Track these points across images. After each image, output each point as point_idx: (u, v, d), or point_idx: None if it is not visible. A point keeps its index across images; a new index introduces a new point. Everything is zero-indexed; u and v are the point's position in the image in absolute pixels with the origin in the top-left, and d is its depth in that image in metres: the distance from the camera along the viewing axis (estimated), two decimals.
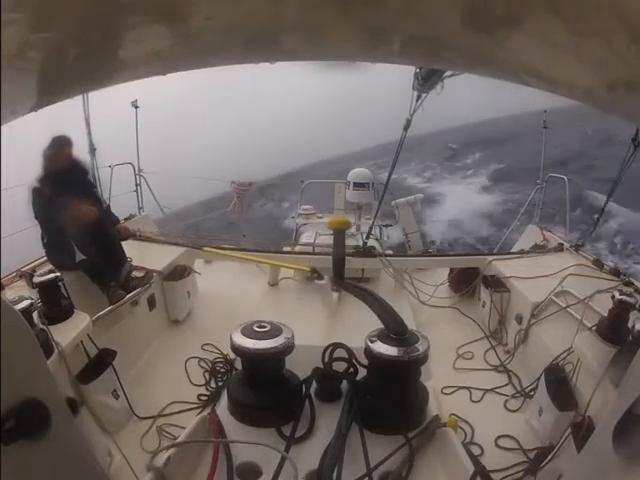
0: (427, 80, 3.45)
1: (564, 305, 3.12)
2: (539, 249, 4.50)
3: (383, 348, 1.77)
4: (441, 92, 3.51)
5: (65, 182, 3.10)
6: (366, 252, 4.36)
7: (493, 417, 2.83)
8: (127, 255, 3.58)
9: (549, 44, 1.03)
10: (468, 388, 3.10)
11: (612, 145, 15.48)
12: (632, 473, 0.98)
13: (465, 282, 4.38)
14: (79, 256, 3.30)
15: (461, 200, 17.93)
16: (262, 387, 1.86)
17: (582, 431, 2.04)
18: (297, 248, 5.19)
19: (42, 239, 3.28)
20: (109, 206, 4.04)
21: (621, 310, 2.47)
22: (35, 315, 2.26)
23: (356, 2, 1.05)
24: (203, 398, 3.00)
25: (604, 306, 2.70)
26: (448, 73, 3.15)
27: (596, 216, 4.59)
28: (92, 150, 5.06)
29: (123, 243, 3.68)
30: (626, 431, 1.03)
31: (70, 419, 1.19)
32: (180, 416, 2.78)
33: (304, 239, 5.74)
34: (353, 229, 5.50)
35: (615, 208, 12.10)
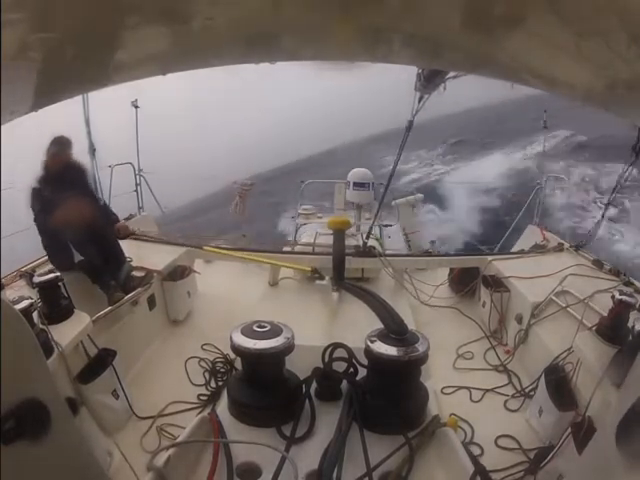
0: (430, 81, 3.44)
1: (564, 305, 3.12)
2: (539, 249, 4.50)
3: (383, 348, 1.77)
4: (444, 93, 3.49)
5: (61, 183, 3.08)
6: (366, 252, 4.36)
7: (493, 417, 2.83)
8: (127, 255, 3.58)
9: (549, 44, 1.03)
10: (468, 388, 3.10)
11: None
12: (635, 472, 0.98)
13: (465, 282, 4.38)
14: (77, 257, 3.29)
15: None
16: (262, 387, 1.86)
17: (582, 431, 2.04)
18: (297, 248, 5.19)
19: (42, 241, 3.27)
20: (106, 204, 4.01)
21: (621, 310, 2.47)
22: (35, 315, 2.26)
23: (356, 2, 1.05)
24: (203, 398, 3.00)
25: (604, 306, 2.70)
26: (451, 74, 3.13)
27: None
28: (92, 150, 5.06)
29: (123, 243, 3.68)
30: (629, 430, 1.03)
31: (70, 419, 1.20)
32: (180, 416, 2.78)
33: (304, 239, 5.74)
34: (353, 229, 5.49)
35: None
